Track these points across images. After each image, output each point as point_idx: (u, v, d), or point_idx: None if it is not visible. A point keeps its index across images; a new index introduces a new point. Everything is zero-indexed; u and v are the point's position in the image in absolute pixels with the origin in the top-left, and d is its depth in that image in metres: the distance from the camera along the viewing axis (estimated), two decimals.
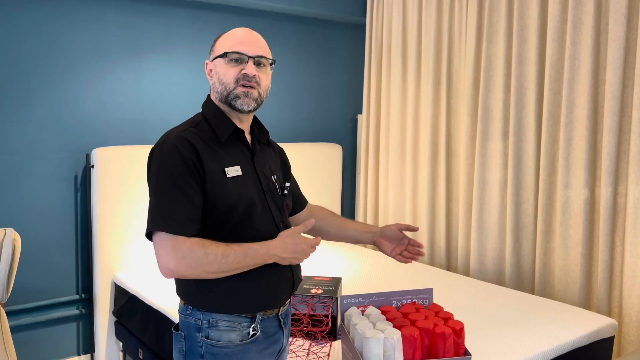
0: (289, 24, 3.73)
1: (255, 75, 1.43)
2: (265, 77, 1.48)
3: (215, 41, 1.51)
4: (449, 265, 3.47)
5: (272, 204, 1.50)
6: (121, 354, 3.05)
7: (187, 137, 1.39)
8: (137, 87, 3.17)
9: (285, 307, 1.54)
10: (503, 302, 2.56)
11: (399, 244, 1.73)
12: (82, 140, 3.01)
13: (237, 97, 1.43)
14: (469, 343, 2.08)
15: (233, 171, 1.42)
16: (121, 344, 3.00)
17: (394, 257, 1.72)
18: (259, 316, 1.44)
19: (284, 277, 1.49)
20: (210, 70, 1.50)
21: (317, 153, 3.82)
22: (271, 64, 1.51)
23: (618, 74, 2.54)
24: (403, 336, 1.73)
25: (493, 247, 3.11)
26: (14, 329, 2.85)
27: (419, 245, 1.72)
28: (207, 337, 1.40)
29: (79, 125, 3.00)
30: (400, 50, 3.65)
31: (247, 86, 1.43)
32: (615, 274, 2.63)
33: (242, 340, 1.42)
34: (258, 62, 1.46)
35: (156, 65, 3.22)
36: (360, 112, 4.13)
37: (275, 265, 1.45)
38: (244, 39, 1.45)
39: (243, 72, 1.42)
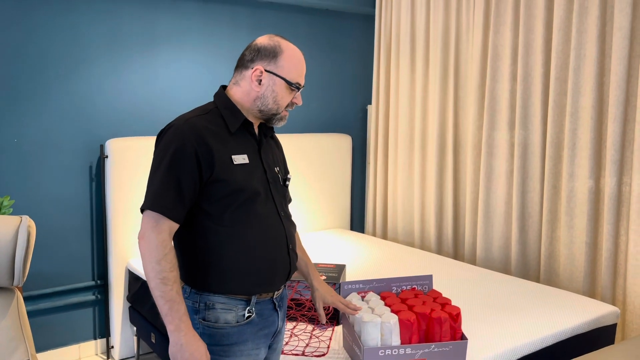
0: (299, 16, 3.78)
1: None
2: None
3: (275, 52, 1.52)
4: (456, 254, 3.51)
5: (275, 193, 1.57)
6: (135, 338, 3.15)
7: (196, 123, 1.45)
8: (150, 79, 3.24)
9: (281, 290, 1.59)
10: (507, 290, 2.59)
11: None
12: (96, 132, 3.10)
13: (281, 119, 1.57)
14: (469, 329, 2.13)
15: (240, 159, 1.48)
16: (135, 328, 3.10)
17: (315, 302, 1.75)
18: (254, 299, 1.50)
19: (281, 264, 1.54)
20: (261, 78, 1.51)
21: (327, 143, 3.87)
22: None
23: (623, 63, 2.54)
24: (400, 320, 1.79)
25: (499, 235, 3.14)
26: (32, 314, 2.97)
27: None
28: (204, 319, 1.46)
29: (93, 117, 3.09)
30: (409, 41, 3.67)
31: (288, 111, 1.58)
32: (619, 262, 2.64)
33: (237, 322, 1.48)
34: None
35: (169, 58, 3.29)
36: (370, 103, 4.17)
37: (273, 250, 1.52)
38: (304, 69, 1.57)
39: (294, 101, 1.57)
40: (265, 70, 1.51)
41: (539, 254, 2.99)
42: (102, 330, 3.21)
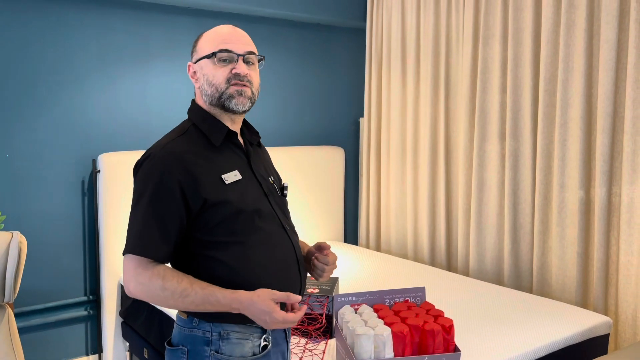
0: (291, 30, 3.80)
1: (247, 74, 1.38)
2: (255, 75, 1.43)
3: (196, 42, 1.46)
4: (450, 266, 3.51)
5: (275, 206, 1.44)
6: (128, 353, 3.13)
7: (175, 148, 1.34)
8: (143, 93, 3.25)
9: None
10: (500, 302, 2.59)
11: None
12: (88, 146, 3.10)
13: (231, 97, 1.37)
14: (462, 341, 2.13)
15: (232, 176, 1.36)
16: (127, 344, 3.08)
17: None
18: None
19: (292, 283, 1.42)
20: (195, 72, 1.44)
21: (320, 156, 3.88)
22: (259, 60, 1.45)
23: (610, 75, 2.57)
24: (393, 333, 1.78)
25: (492, 247, 3.15)
26: (24, 330, 2.94)
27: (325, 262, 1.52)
28: (217, 351, 1.32)
29: (85, 132, 3.09)
30: (399, 54, 3.71)
31: (239, 85, 1.38)
32: (611, 272, 2.66)
33: (254, 354, 1.35)
34: (247, 60, 1.40)
35: (161, 72, 3.30)
36: (362, 116, 4.19)
37: (284, 269, 1.40)
38: (230, 36, 1.39)
39: (234, 71, 1.37)
40: (193, 63, 1.45)
41: (531, 265, 3.00)
42: (95, 346, 3.19)
